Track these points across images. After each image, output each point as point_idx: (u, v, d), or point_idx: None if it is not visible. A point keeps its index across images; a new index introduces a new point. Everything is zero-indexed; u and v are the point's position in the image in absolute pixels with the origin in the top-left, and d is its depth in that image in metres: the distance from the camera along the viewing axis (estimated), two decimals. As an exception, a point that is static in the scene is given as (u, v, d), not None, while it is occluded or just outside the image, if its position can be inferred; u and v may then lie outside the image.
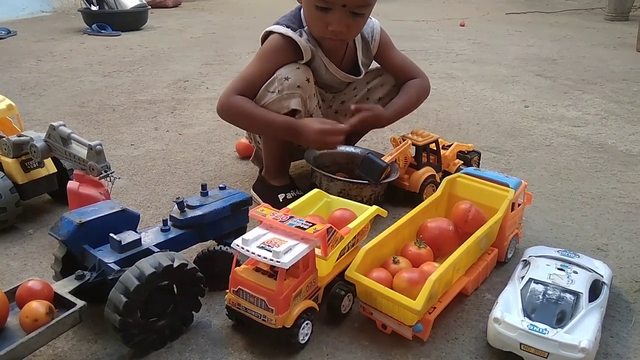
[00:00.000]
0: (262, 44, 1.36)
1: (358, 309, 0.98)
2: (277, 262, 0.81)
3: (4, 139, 1.25)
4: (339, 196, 1.24)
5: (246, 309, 0.89)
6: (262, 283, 0.87)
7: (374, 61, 1.47)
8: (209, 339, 0.93)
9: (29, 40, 3.72)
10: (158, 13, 4.99)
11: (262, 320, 0.87)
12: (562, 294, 0.90)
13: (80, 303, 0.83)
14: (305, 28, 1.32)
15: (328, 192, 1.20)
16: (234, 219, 1.09)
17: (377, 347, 0.92)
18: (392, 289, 0.91)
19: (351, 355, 0.90)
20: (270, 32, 1.33)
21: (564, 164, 1.70)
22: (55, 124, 1.20)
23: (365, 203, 1.27)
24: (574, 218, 1.36)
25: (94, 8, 4.08)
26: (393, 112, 1.40)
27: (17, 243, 1.23)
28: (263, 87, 1.29)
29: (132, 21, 4.18)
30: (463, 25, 4.44)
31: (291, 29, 1.30)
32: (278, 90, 1.27)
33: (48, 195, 1.41)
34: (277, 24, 1.34)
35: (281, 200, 1.36)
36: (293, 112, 1.29)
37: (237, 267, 0.91)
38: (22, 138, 1.25)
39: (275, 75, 1.28)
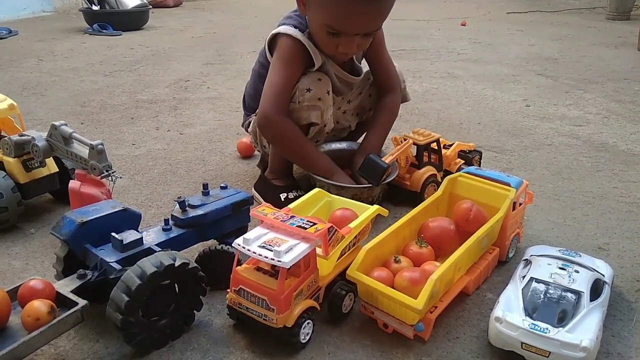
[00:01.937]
0: (268, 46, 1.34)
1: (359, 308, 0.98)
2: (278, 261, 0.81)
3: (5, 138, 1.25)
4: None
5: (247, 308, 0.89)
6: (263, 282, 0.87)
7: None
8: (211, 338, 0.93)
9: (30, 40, 3.72)
10: (159, 13, 4.99)
11: (263, 319, 0.87)
12: (563, 293, 0.90)
13: (82, 302, 0.84)
14: (307, 31, 1.30)
15: None
16: (235, 219, 1.09)
17: (378, 346, 0.92)
18: (393, 288, 0.91)
19: (352, 355, 0.90)
20: (278, 34, 1.30)
21: (566, 163, 1.70)
22: (56, 123, 1.20)
23: (374, 202, 1.30)
24: (576, 217, 1.36)
25: (95, 8, 4.08)
26: (369, 152, 1.37)
27: (19, 242, 1.23)
28: None
29: (133, 21, 4.18)
30: (464, 25, 4.44)
31: (300, 30, 1.28)
32: (299, 101, 1.27)
33: (50, 194, 1.41)
34: (285, 25, 1.31)
35: (283, 200, 1.36)
36: (310, 125, 1.30)
37: (238, 267, 0.91)
38: (23, 137, 1.25)
39: (296, 84, 1.27)
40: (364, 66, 1.48)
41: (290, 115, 1.28)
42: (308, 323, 0.90)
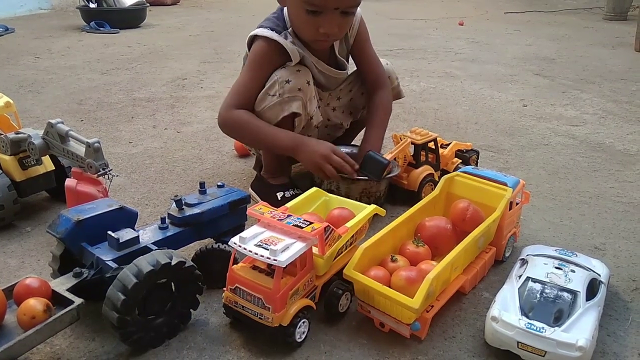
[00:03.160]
0: (248, 48, 1.35)
1: (356, 307, 0.98)
2: (274, 260, 0.81)
3: (1, 136, 1.25)
4: (360, 197, 1.27)
5: (243, 307, 0.89)
6: (259, 281, 0.87)
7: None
8: (207, 336, 0.93)
9: (26, 38, 3.71)
10: (156, 11, 4.98)
11: (259, 318, 0.87)
12: (559, 293, 0.90)
13: (78, 301, 0.83)
14: (290, 30, 1.30)
15: (348, 196, 1.22)
16: (232, 217, 1.09)
17: (375, 345, 0.92)
18: (390, 287, 0.91)
19: (349, 354, 0.90)
20: (254, 36, 1.32)
21: (562, 163, 1.70)
22: (53, 121, 1.20)
23: (382, 197, 1.33)
24: (572, 217, 1.36)
25: (92, 5, 4.07)
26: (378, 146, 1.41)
27: (14, 240, 1.22)
28: (263, 90, 1.28)
29: (131, 19, 4.17)
30: (462, 24, 4.44)
31: (276, 32, 1.29)
32: (279, 94, 1.26)
33: (46, 192, 1.41)
34: (261, 27, 1.32)
35: (279, 199, 1.36)
36: (293, 115, 1.29)
37: (235, 265, 0.91)
38: (20, 135, 1.25)
39: (275, 77, 1.27)
40: (353, 65, 1.48)
41: (271, 109, 1.28)
42: (304, 322, 0.90)
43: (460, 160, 1.51)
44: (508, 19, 4.77)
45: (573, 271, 0.95)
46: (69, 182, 1.18)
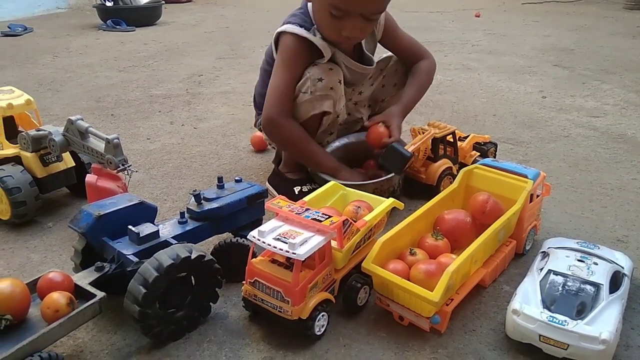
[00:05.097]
0: (274, 44, 1.34)
1: (375, 300, 0.98)
2: (293, 253, 0.81)
3: (23, 133, 1.27)
4: (373, 192, 1.25)
5: (262, 300, 0.89)
6: (278, 274, 0.87)
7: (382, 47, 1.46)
8: (227, 330, 0.94)
9: (45, 37, 3.76)
10: (172, 8, 5.01)
11: (278, 311, 0.87)
12: (582, 286, 0.88)
13: (100, 294, 0.85)
14: (316, 26, 1.29)
15: None
16: (249, 212, 1.09)
17: (394, 338, 0.91)
18: (408, 280, 0.90)
19: (368, 347, 0.90)
20: (282, 33, 1.30)
21: (583, 155, 1.67)
22: (73, 118, 1.21)
23: (395, 191, 1.33)
24: (594, 209, 1.34)
25: (108, 4, 4.11)
26: (403, 107, 1.40)
27: (37, 236, 1.24)
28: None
29: (147, 16, 4.21)
30: (478, 16, 4.39)
31: (305, 28, 1.28)
32: (311, 91, 1.26)
33: (67, 188, 1.43)
34: (289, 23, 1.30)
35: (297, 193, 1.36)
36: (323, 114, 1.30)
37: (254, 259, 0.91)
38: (40, 132, 1.26)
39: (307, 75, 1.27)
40: (378, 55, 1.47)
41: (302, 106, 1.28)
42: (323, 315, 0.90)
43: (479, 153, 1.49)
44: (526, 10, 4.70)
45: (596, 264, 0.94)
46: (90, 177, 1.19)
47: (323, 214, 0.89)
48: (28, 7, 4.78)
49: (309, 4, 1.31)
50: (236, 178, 1.13)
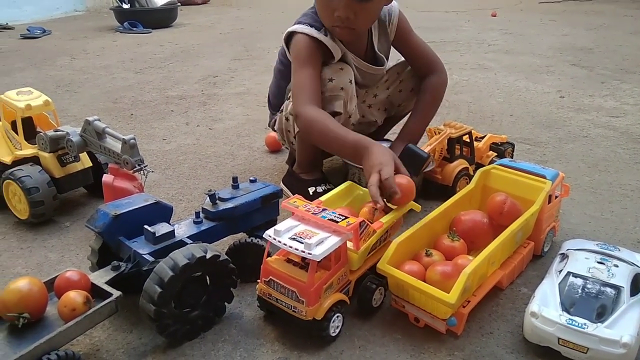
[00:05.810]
0: (286, 44, 1.33)
1: (390, 302, 0.97)
2: (309, 254, 0.81)
3: (41, 134, 1.28)
4: None
5: (277, 299, 0.89)
6: (294, 274, 0.87)
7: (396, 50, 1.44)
8: (241, 330, 0.93)
9: (63, 39, 3.81)
10: (187, 10, 5.05)
11: (293, 311, 0.87)
12: (602, 288, 0.87)
13: (116, 293, 0.85)
14: (324, 27, 1.27)
15: None
16: (264, 212, 1.09)
17: (409, 340, 0.91)
18: (424, 282, 0.89)
19: (383, 349, 0.89)
20: (293, 32, 1.29)
21: (602, 155, 1.65)
22: (90, 118, 1.22)
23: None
24: (613, 211, 1.32)
25: (125, 6, 4.16)
26: (410, 139, 1.35)
27: (54, 235, 1.26)
28: None
29: (163, 18, 4.25)
30: (494, 15, 4.35)
31: (315, 28, 1.26)
32: (322, 92, 1.25)
33: (84, 188, 1.44)
34: (300, 23, 1.29)
35: (311, 194, 1.35)
36: (334, 114, 1.27)
37: (269, 258, 0.91)
38: (58, 133, 1.28)
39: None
40: (392, 60, 1.45)
41: None
42: (338, 316, 0.89)
43: (496, 154, 1.48)
44: (543, 9, 4.65)
45: (616, 266, 0.92)
46: (107, 177, 1.20)
47: (339, 214, 0.89)
48: (47, 10, 4.86)
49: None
50: (251, 178, 1.13)
